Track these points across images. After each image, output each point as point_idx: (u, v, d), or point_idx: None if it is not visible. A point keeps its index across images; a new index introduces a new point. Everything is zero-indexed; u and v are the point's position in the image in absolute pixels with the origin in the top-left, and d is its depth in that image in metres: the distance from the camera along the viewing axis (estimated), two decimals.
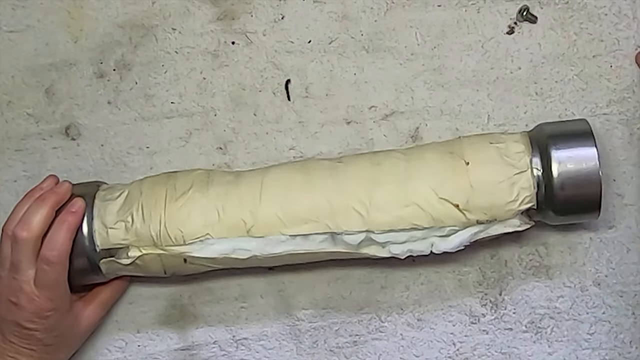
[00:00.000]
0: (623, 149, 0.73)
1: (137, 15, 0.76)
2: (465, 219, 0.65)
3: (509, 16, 0.74)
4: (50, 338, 0.68)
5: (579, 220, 0.70)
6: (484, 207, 0.65)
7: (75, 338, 0.71)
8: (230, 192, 0.68)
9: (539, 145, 0.66)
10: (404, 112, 0.74)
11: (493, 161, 0.66)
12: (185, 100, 0.76)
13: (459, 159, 0.66)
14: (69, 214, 0.67)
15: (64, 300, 0.68)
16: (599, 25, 0.73)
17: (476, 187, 0.65)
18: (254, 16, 0.76)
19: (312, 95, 0.75)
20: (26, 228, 0.66)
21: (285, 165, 0.71)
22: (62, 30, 0.77)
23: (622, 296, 0.72)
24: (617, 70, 0.73)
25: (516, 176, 0.65)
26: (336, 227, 0.66)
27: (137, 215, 0.68)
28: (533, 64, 0.74)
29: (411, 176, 0.66)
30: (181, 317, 0.75)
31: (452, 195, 0.65)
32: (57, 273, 0.66)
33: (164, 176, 0.71)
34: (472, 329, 0.73)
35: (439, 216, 0.65)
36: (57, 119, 0.77)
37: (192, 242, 0.67)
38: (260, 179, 0.68)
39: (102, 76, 0.77)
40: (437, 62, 0.74)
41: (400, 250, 0.67)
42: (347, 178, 0.67)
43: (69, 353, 0.72)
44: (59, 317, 0.67)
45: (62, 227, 0.67)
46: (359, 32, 0.75)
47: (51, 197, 0.68)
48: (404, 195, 0.65)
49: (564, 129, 0.67)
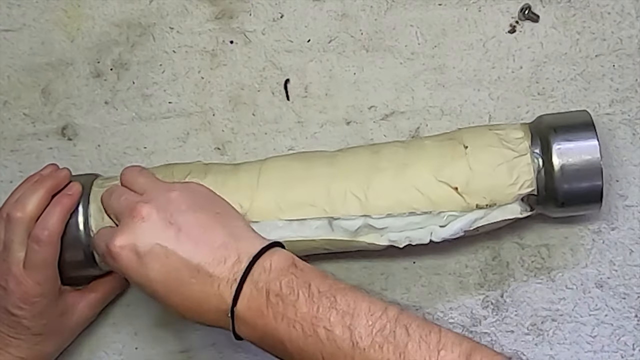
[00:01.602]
0: (626, 149, 0.72)
1: (135, 14, 0.76)
2: (465, 203, 0.65)
3: (511, 15, 0.74)
4: (39, 327, 0.67)
5: (580, 212, 0.69)
6: (483, 190, 0.65)
7: (65, 331, 0.70)
8: (228, 179, 0.68)
9: (540, 136, 0.66)
10: (404, 112, 0.74)
11: (492, 145, 0.66)
12: (183, 100, 0.76)
13: (458, 144, 0.66)
14: (65, 196, 0.67)
15: (52, 285, 0.67)
16: (602, 24, 0.73)
17: (475, 170, 0.65)
18: (253, 15, 0.76)
19: (311, 95, 0.75)
20: (20, 208, 0.66)
21: (284, 155, 0.71)
22: (59, 29, 0.77)
23: (624, 298, 0.72)
24: (620, 69, 0.73)
25: (515, 159, 0.65)
26: (334, 212, 0.65)
27: None
28: (535, 63, 0.73)
29: (410, 161, 0.66)
30: (179, 319, 0.73)
31: (451, 178, 0.65)
32: (46, 253, 0.66)
33: (163, 166, 0.71)
34: (474, 331, 0.73)
35: (437, 199, 0.65)
36: (53, 119, 0.77)
37: None
38: (258, 167, 0.68)
39: (99, 76, 0.76)
40: (438, 62, 0.74)
41: (398, 237, 0.66)
42: (346, 165, 0.67)
43: (58, 347, 0.71)
44: (46, 303, 0.67)
45: (56, 208, 0.67)
46: (359, 31, 0.75)
47: (48, 181, 0.68)
48: (403, 179, 0.65)
49: (565, 120, 0.67)
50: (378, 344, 0.53)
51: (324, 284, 0.56)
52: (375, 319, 0.54)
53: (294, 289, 0.56)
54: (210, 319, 0.59)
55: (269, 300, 0.56)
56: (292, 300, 0.55)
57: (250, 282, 0.57)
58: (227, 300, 0.57)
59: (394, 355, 0.52)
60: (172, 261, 0.58)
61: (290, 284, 0.56)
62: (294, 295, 0.56)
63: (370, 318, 0.54)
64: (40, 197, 0.67)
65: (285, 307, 0.55)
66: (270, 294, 0.56)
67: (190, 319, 0.60)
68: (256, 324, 0.57)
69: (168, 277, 0.58)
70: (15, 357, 0.67)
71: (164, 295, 0.59)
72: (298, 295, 0.55)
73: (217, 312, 0.58)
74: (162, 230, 0.59)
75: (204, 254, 0.58)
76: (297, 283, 0.56)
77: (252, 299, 0.56)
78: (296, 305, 0.55)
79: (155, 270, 0.58)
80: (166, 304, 0.60)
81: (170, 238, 0.58)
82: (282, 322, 0.55)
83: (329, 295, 0.55)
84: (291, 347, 0.55)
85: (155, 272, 0.58)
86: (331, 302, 0.55)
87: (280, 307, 0.55)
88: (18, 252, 0.66)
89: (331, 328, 0.54)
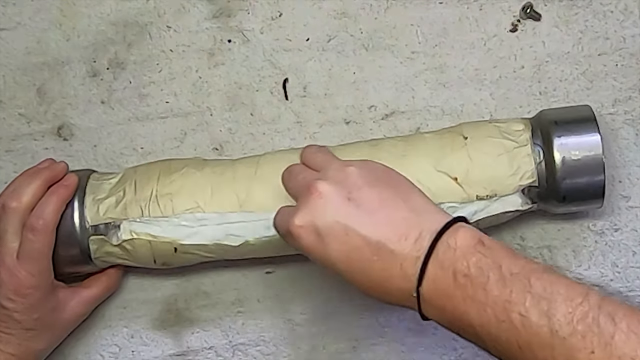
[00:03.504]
0: (629, 149, 0.72)
1: (131, 13, 0.76)
2: (465, 193, 0.65)
3: (512, 13, 0.74)
4: (30, 321, 0.66)
5: (582, 207, 0.69)
6: (484, 181, 0.65)
7: (56, 327, 0.70)
8: (226, 170, 0.68)
9: (541, 130, 0.66)
10: (405, 112, 0.74)
11: (492, 136, 0.66)
12: (180, 100, 0.75)
13: (458, 135, 0.67)
14: (61, 186, 0.67)
15: (46, 277, 0.67)
16: (605, 22, 0.73)
17: (475, 160, 0.65)
18: (251, 13, 0.75)
19: (310, 95, 0.75)
20: (16, 198, 0.66)
21: (283, 149, 0.71)
22: (54, 28, 0.76)
23: (627, 300, 0.72)
24: (623, 69, 0.73)
25: (516, 150, 0.65)
26: None
27: (129, 189, 0.68)
28: (537, 63, 0.73)
29: (409, 153, 0.66)
30: (176, 321, 0.74)
31: (451, 168, 0.65)
32: (41, 243, 0.65)
33: (160, 161, 0.71)
34: None
35: (437, 190, 0.64)
36: (49, 119, 0.76)
37: (181, 214, 0.66)
38: (257, 160, 0.69)
39: (95, 75, 0.76)
40: (439, 61, 0.74)
41: None
42: (345, 156, 0.67)
43: (48, 344, 0.70)
44: (39, 296, 0.66)
45: (52, 198, 0.67)
46: (359, 30, 0.75)
47: (45, 172, 0.68)
48: (401, 169, 0.65)
49: (567, 114, 0.67)
50: (580, 333, 0.49)
51: (515, 264, 0.53)
52: (576, 305, 0.50)
53: (483, 270, 0.52)
54: (394, 298, 0.56)
55: (457, 281, 0.53)
56: (482, 283, 0.52)
57: (435, 261, 0.54)
58: (411, 279, 0.54)
59: (598, 347, 0.48)
60: (352, 239, 0.56)
61: (478, 264, 0.53)
62: (483, 277, 0.52)
63: (570, 305, 0.50)
64: (36, 187, 0.67)
65: (474, 289, 0.52)
66: (458, 275, 0.53)
67: (376, 299, 0.58)
68: (444, 306, 0.54)
69: (349, 257, 0.56)
70: (5, 353, 0.66)
71: (348, 275, 0.57)
72: (488, 277, 0.52)
73: (401, 291, 0.55)
74: (341, 207, 0.57)
75: (384, 231, 0.56)
76: (486, 263, 0.53)
77: (438, 280, 0.54)
78: (486, 288, 0.52)
79: (336, 249, 0.56)
80: (351, 283, 0.58)
81: (349, 215, 0.56)
82: (472, 306, 0.52)
83: (522, 277, 0.52)
84: (482, 332, 0.52)
85: (336, 252, 0.56)
86: (524, 285, 0.51)
87: (469, 289, 0.52)
88: (12, 242, 0.66)
89: (526, 314, 0.50)
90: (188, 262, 0.70)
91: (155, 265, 0.69)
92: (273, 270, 0.73)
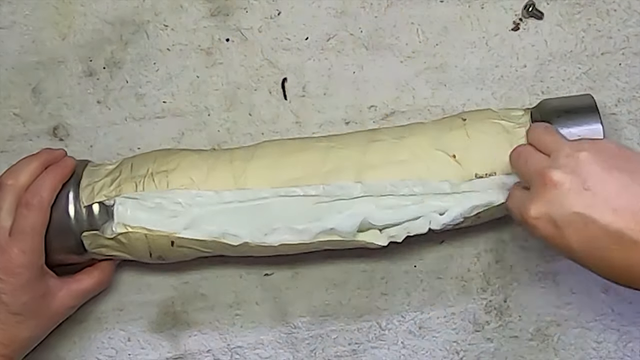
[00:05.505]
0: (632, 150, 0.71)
1: (128, 12, 0.76)
2: (464, 171, 0.65)
3: (514, 12, 0.73)
4: (18, 305, 0.66)
5: None
6: (483, 159, 0.65)
7: (44, 316, 0.69)
8: (224, 153, 0.69)
9: (542, 119, 0.66)
10: (405, 112, 0.74)
11: (491, 117, 0.66)
12: (177, 100, 0.75)
13: (457, 118, 0.68)
14: (58, 166, 0.68)
15: (37, 257, 0.66)
16: (608, 21, 0.73)
17: (473, 138, 0.65)
18: (249, 12, 0.75)
19: (309, 95, 0.75)
20: (13, 176, 0.67)
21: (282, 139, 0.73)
22: (50, 27, 0.76)
23: (630, 303, 0.72)
24: (627, 68, 0.72)
25: (515, 130, 0.65)
26: (327, 179, 0.65)
27: (125, 169, 0.69)
28: (539, 62, 0.73)
29: (407, 134, 0.67)
30: (173, 324, 0.74)
31: (449, 146, 0.66)
32: (35, 219, 0.65)
33: (159, 149, 0.72)
34: (476, 336, 0.73)
35: (435, 167, 0.65)
36: (44, 119, 0.76)
37: (175, 189, 0.66)
38: (255, 146, 0.70)
39: (92, 74, 0.76)
40: (440, 60, 0.74)
41: (396, 231, 0.66)
42: (343, 139, 0.68)
43: (34, 334, 0.68)
44: (29, 277, 0.66)
45: (49, 175, 0.67)
46: (358, 28, 0.74)
47: (44, 154, 0.69)
48: (400, 147, 0.65)
49: (568, 103, 0.67)
50: None
51: None
52: None
53: None
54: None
55: None
56: None
57: None
58: None
59: None
60: (590, 229, 0.55)
61: None
62: None
63: None
64: (33, 168, 0.67)
65: None
66: None
67: (621, 285, 0.57)
68: None
69: (588, 247, 0.56)
70: None
71: (586, 264, 0.57)
72: None
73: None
74: (577, 197, 0.56)
75: (625, 219, 0.55)
76: None
77: None
78: None
79: (574, 240, 0.56)
80: (590, 270, 0.57)
81: (587, 205, 0.55)
82: None
83: None
84: None
85: (575, 243, 0.56)
86: None
87: None
88: (4, 221, 0.66)
89: None
90: (184, 257, 0.69)
91: (151, 259, 0.69)
92: (272, 272, 0.73)
